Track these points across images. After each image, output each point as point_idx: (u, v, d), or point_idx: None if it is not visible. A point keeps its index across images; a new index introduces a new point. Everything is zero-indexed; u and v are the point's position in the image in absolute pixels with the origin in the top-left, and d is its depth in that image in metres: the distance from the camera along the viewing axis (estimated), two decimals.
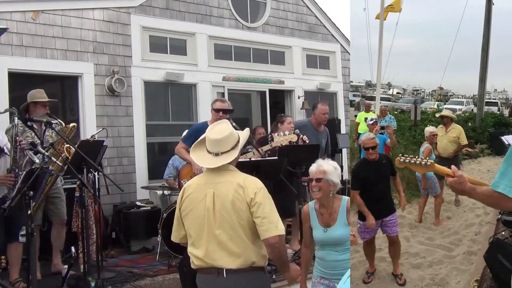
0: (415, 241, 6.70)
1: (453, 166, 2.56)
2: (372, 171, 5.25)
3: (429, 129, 7.86)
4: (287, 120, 6.58)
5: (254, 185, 2.99)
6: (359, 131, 10.83)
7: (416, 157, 2.69)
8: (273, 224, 2.93)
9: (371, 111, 12.71)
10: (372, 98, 15.82)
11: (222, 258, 2.95)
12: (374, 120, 8.51)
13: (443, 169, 2.63)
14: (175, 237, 3.23)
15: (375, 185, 5.22)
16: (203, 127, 4.77)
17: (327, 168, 3.71)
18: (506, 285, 3.00)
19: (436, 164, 2.64)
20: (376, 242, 5.64)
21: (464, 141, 8.63)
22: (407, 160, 2.69)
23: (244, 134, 3.24)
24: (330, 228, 3.73)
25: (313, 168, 3.76)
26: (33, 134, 5.42)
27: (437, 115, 9.00)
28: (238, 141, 3.11)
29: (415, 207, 8.09)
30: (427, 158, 2.68)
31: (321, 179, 3.68)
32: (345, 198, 3.81)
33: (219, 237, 2.96)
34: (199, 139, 3.23)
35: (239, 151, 3.11)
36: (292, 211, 6.41)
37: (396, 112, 19.90)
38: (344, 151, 9.82)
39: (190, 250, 3.09)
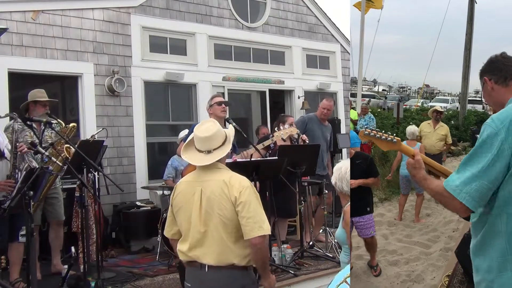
0: (393, 238, 6.74)
1: (416, 149, 2.47)
2: None
3: (415, 128, 8.01)
4: (289, 120, 6.58)
5: (239, 184, 2.99)
6: None
7: (383, 131, 2.56)
8: (257, 224, 2.94)
9: (352, 108, 12.64)
10: (355, 95, 15.81)
11: (204, 255, 3.01)
12: None
13: (409, 148, 2.54)
14: (167, 232, 3.29)
15: None
16: None
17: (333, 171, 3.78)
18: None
19: (402, 143, 2.56)
20: (353, 241, 5.66)
21: (450, 140, 8.76)
22: (372, 134, 2.52)
23: (230, 131, 3.27)
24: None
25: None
26: (32, 133, 5.42)
27: (431, 110, 9.04)
28: (227, 137, 3.15)
29: (395, 205, 8.14)
30: (393, 134, 2.56)
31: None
32: (348, 204, 3.82)
33: (203, 234, 3.01)
34: (187, 140, 3.26)
35: (230, 146, 3.13)
36: (293, 212, 6.41)
37: (379, 110, 19.84)
38: (344, 151, 9.82)
39: (178, 245, 3.15)
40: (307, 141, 6.31)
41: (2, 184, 4.70)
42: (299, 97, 10.44)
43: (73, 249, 5.68)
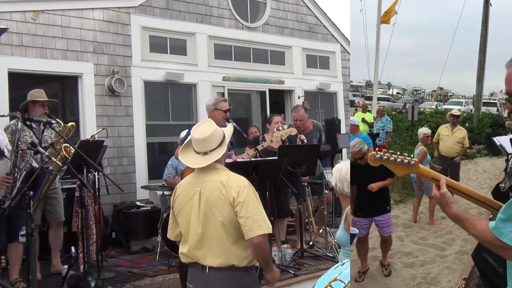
0: (408, 240, 6.73)
1: (442, 179, 2.11)
2: (362, 171, 5.34)
3: (423, 130, 7.79)
4: (274, 119, 6.51)
5: (237, 184, 2.97)
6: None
7: (398, 153, 2.16)
8: (256, 224, 2.91)
9: (368, 111, 12.70)
10: (371, 98, 15.88)
11: (204, 256, 3.00)
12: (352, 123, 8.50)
13: (428, 171, 2.16)
14: (170, 235, 3.27)
15: (364, 184, 5.31)
16: None
17: (333, 172, 3.73)
18: (492, 283, 3.00)
19: (421, 165, 2.17)
20: (370, 242, 5.68)
21: (467, 143, 8.62)
22: (384, 157, 2.11)
23: (228, 129, 3.24)
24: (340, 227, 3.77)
25: None
26: (31, 133, 5.42)
27: (448, 114, 8.91)
28: (224, 138, 3.13)
29: (410, 207, 8.13)
30: (411, 157, 2.18)
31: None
32: (349, 207, 3.79)
33: (201, 236, 2.99)
34: (185, 141, 3.25)
35: (226, 147, 3.10)
36: (291, 211, 6.41)
37: (394, 112, 19.87)
38: (344, 151, 9.82)
39: (180, 247, 3.15)
40: (305, 141, 6.29)
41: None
42: (299, 97, 10.43)
43: (73, 249, 5.68)
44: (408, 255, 6.12)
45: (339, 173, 3.67)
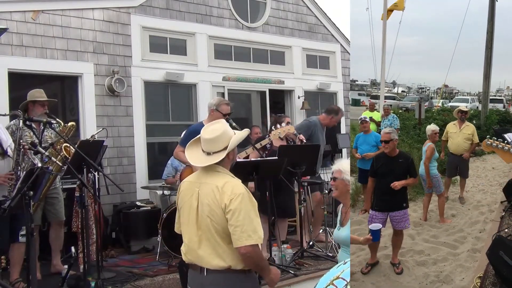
0: (420, 238, 6.72)
1: None
2: (385, 164, 5.38)
3: (431, 127, 7.77)
4: (286, 120, 6.55)
5: (231, 191, 2.92)
6: None
7: (505, 141, 2.35)
8: (245, 234, 2.86)
9: (375, 110, 12.70)
10: (377, 97, 15.83)
11: (201, 257, 2.99)
12: (362, 119, 8.49)
13: None
14: (176, 228, 3.27)
15: (384, 178, 5.34)
16: (200, 127, 4.74)
17: (343, 168, 3.68)
18: (508, 281, 2.99)
19: None
20: (381, 240, 5.67)
21: (477, 139, 8.55)
22: (494, 144, 2.36)
23: (240, 134, 3.15)
24: (342, 228, 3.72)
25: (333, 167, 3.77)
26: (31, 133, 5.43)
27: (456, 110, 8.84)
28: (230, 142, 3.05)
29: (420, 205, 8.11)
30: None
31: (337, 178, 3.67)
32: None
33: (200, 237, 2.99)
34: (195, 137, 3.23)
35: (227, 152, 3.03)
36: (292, 212, 6.41)
37: (401, 111, 19.78)
38: (344, 151, 9.83)
39: (182, 246, 3.15)
40: (304, 141, 6.29)
41: (2, 177, 4.70)
42: (299, 97, 10.44)
43: (73, 249, 5.68)
44: (420, 253, 6.11)
45: (341, 164, 3.67)
